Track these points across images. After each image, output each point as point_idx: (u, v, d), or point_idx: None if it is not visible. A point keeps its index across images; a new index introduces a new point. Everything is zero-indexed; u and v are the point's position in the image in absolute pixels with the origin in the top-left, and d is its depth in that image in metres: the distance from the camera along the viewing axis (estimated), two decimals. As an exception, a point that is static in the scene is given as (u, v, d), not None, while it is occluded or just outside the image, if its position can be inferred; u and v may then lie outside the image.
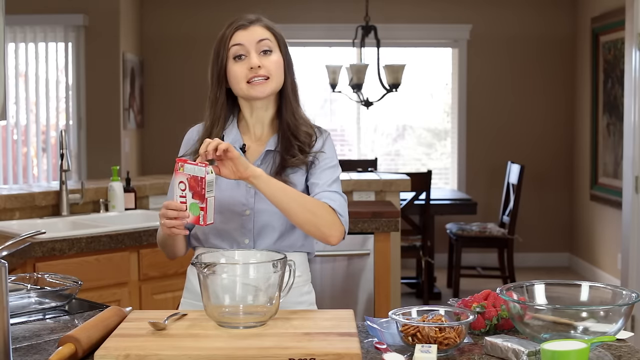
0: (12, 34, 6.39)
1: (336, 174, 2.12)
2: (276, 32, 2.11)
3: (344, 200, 2.09)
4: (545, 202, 7.52)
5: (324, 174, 2.09)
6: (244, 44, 2.05)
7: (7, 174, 6.43)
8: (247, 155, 2.12)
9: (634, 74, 4.86)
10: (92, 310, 2.07)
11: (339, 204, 2.05)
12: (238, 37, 2.06)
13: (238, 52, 2.06)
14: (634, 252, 4.87)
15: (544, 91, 7.48)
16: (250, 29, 2.07)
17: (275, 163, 2.09)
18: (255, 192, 2.06)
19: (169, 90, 7.38)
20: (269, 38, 2.08)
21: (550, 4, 7.44)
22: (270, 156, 2.11)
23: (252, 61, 2.04)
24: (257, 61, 2.04)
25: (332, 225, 2.02)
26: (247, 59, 2.05)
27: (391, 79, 6.10)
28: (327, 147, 2.13)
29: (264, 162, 2.11)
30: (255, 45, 2.06)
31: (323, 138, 2.14)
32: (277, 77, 2.07)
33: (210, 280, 1.77)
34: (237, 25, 2.08)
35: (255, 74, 2.04)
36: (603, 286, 1.80)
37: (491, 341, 1.68)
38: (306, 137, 2.10)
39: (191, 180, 1.88)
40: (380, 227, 3.73)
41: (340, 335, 1.71)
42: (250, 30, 2.07)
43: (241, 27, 2.07)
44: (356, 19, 6.81)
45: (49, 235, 3.13)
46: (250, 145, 2.13)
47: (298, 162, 2.07)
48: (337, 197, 2.07)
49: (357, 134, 7.80)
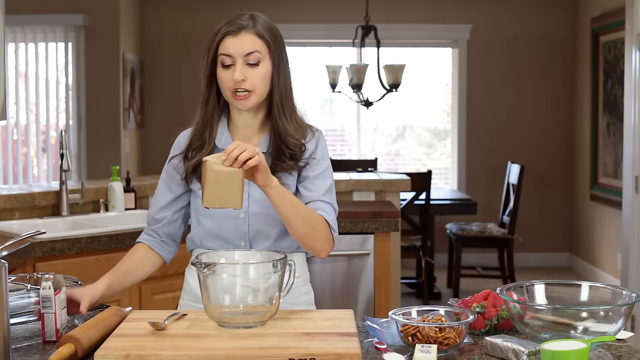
0: (12, 34, 6.39)
1: (329, 180, 2.11)
2: (268, 39, 2.04)
3: (335, 213, 2.10)
4: (545, 202, 7.52)
5: (318, 182, 2.08)
6: (231, 54, 2.01)
7: (7, 174, 6.43)
8: None
9: (634, 74, 4.86)
10: (92, 310, 2.07)
11: (332, 219, 2.07)
12: (226, 45, 2.01)
13: (225, 62, 2.02)
14: (634, 252, 4.87)
15: (544, 91, 7.48)
16: (240, 37, 2.01)
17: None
18: (249, 195, 2.06)
19: (169, 90, 7.38)
20: (258, 50, 2.02)
21: (550, 4, 7.44)
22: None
23: (236, 75, 2.00)
24: (240, 75, 2.00)
25: (326, 241, 2.03)
26: (233, 69, 2.01)
27: (391, 79, 6.10)
28: (319, 149, 2.11)
29: None
30: (243, 57, 2.01)
31: (315, 139, 2.11)
32: (260, 90, 2.03)
33: (210, 281, 1.77)
34: (226, 31, 2.02)
35: (238, 86, 2.01)
36: (603, 286, 1.80)
37: (491, 341, 1.68)
38: (295, 145, 2.06)
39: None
40: (380, 227, 3.73)
41: (340, 335, 1.71)
42: (240, 39, 2.01)
43: (230, 34, 2.02)
44: (356, 19, 6.81)
45: (49, 235, 3.13)
46: None
47: (288, 167, 2.06)
48: (330, 209, 2.07)
49: (357, 134, 7.80)
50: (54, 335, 1.79)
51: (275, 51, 2.05)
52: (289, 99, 2.10)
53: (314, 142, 2.11)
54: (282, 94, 2.07)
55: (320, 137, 2.13)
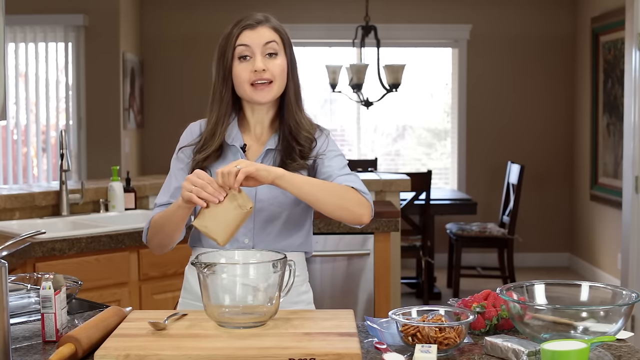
0: (12, 34, 6.39)
1: (344, 161, 2.13)
2: (283, 34, 2.09)
3: (359, 179, 2.09)
4: (545, 202, 7.52)
5: (334, 162, 2.10)
6: (250, 45, 2.04)
7: (7, 174, 6.43)
8: (248, 155, 2.12)
9: (634, 74, 4.86)
10: (92, 310, 2.07)
11: (359, 184, 2.05)
12: (244, 37, 2.04)
13: (243, 53, 2.04)
14: (634, 252, 4.87)
15: (544, 91, 7.48)
16: (258, 29, 2.05)
17: (275, 162, 2.09)
18: (256, 191, 2.07)
19: (169, 90, 7.38)
20: (275, 40, 2.06)
21: (550, 4, 7.44)
22: (270, 155, 2.11)
23: (257, 64, 2.02)
24: (261, 64, 2.02)
25: (360, 205, 2.01)
26: (252, 61, 2.04)
27: (391, 79, 6.10)
28: (330, 145, 2.13)
29: (264, 161, 2.11)
30: (262, 47, 2.04)
31: (325, 135, 2.14)
32: (280, 81, 2.06)
33: (210, 280, 1.77)
34: (244, 25, 2.05)
35: (259, 77, 2.03)
36: (603, 286, 1.80)
37: (491, 341, 1.68)
38: (306, 141, 2.09)
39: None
40: (380, 227, 3.73)
41: (340, 335, 1.71)
42: (258, 31, 2.05)
43: (248, 27, 2.05)
44: (356, 19, 6.81)
45: (49, 235, 3.13)
46: (250, 145, 2.13)
47: (298, 167, 2.07)
48: (353, 178, 2.07)
49: (357, 134, 7.80)
50: (54, 335, 1.79)
51: (288, 48, 2.10)
52: (300, 99, 2.13)
53: (324, 138, 2.14)
54: (296, 89, 2.11)
55: (329, 136, 2.16)
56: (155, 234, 2.10)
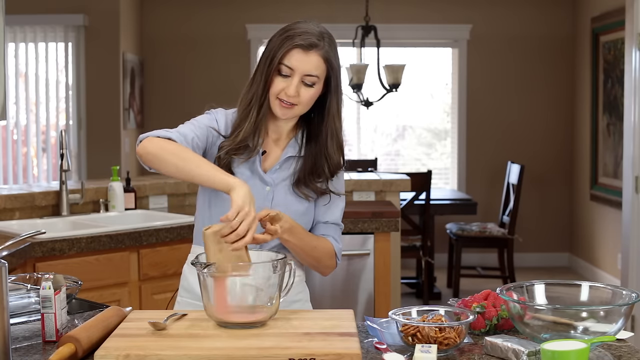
0: (12, 34, 6.39)
1: (343, 203, 2.21)
2: (331, 62, 2.04)
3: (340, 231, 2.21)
4: (545, 202, 7.52)
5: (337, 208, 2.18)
6: (294, 69, 2.00)
7: (7, 174, 6.43)
8: (265, 161, 2.11)
9: (634, 74, 4.86)
10: (92, 310, 2.07)
11: (339, 247, 2.18)
12: (292, 58, 2.00)
13: (284, 72, 2.01)
14: (634, 252, 4.87)
15: (544, 91, 7.48)
16: (309, 55, 2.00)
17: (294, 172, 2.10)
18: (273, 198, 2.08)
19: (169, 90, 7.38)
20: (318, 75, 2.01)
21: (550, 4, 7.44)
22: (289, 162, 2.12)
23: (290, 90, 2.00)
24: (293, 91, 2.00)
25: (327, 268, 2.18)
26: (289, 80, 2.01)
27: (391, 79, 6.10)
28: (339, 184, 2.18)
29: (282, 167, 2.11)
30: (303, 75, 2.01)
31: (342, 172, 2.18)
32: (304, 106, 2.05)
33: (210, 280, 1.77)
34: (297, 43, 2.00)
35: (287, 97, 2.02)
36: (603, 286, 1.80)
37: (491, 341, 1.68)
38: (337, 166, 2.12)
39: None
40: (380, 227, 3.73)
41: (340, 335, 1.71)
42: (308, 58, 2.00)
43: (301, 48, 2.00)
44: (356, 19, 6.81)
45: (49, 235, 3.13)
46: (266, 146, 2.12)
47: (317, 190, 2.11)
48: (339, 234, 2.19)
49: (357, 134, 7.81)
50: (54, 335, 1.79)
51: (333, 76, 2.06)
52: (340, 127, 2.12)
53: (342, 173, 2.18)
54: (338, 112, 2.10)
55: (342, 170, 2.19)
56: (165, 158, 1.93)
